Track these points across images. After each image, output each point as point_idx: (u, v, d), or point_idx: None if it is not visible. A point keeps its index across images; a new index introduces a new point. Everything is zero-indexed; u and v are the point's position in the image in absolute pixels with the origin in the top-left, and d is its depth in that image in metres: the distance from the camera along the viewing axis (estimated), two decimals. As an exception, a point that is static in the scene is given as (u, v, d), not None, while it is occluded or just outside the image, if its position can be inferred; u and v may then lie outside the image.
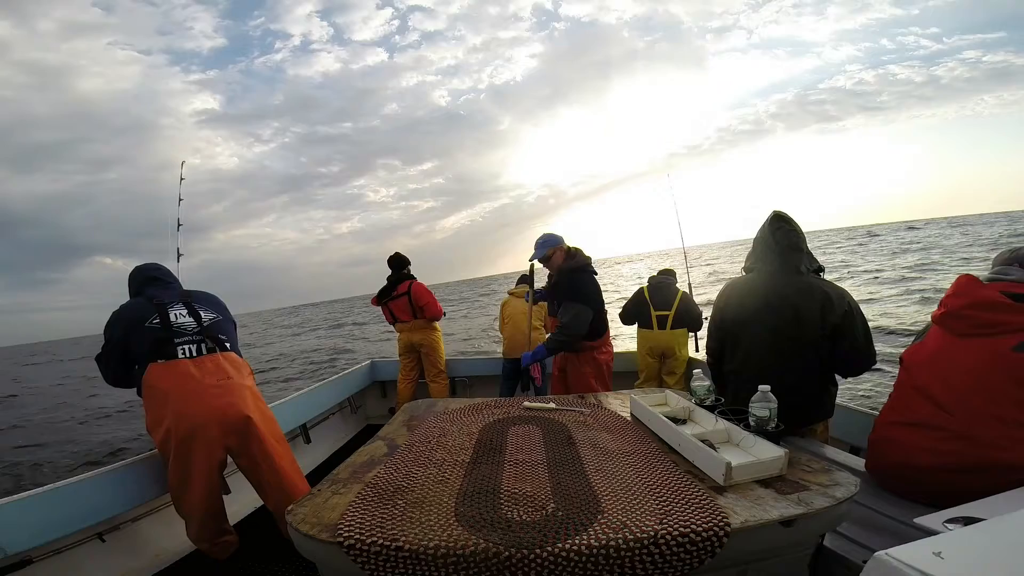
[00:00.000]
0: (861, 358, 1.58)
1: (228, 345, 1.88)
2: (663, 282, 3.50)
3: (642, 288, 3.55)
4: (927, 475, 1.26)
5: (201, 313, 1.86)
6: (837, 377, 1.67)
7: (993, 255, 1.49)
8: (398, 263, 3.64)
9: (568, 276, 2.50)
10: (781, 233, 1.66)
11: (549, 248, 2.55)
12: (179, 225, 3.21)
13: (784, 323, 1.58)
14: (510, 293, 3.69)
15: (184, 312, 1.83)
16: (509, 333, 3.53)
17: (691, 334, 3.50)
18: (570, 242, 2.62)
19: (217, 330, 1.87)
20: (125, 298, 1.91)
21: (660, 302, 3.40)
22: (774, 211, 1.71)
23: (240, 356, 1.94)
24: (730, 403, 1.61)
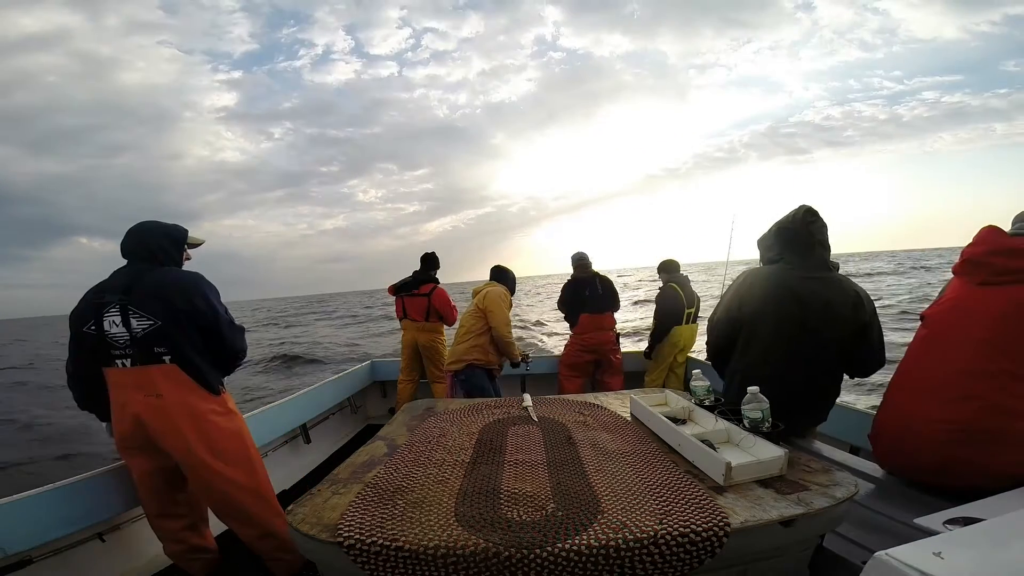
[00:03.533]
0: (877, 358, 1.59)
1: (168, 357, 1.56)
2: (687, 282, 3.65)
3: (678, 292, 3.58)
4: (933, 447, 1.25)
5: (133, 322, 1.54)
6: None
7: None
8: (430, 263, 3.60)
9: None
10: (816, 227, 1.63)
11: None
12: None
13: (812, 317, 1.54)
14: None
15: (117, 319, 1.54)
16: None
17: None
18: (549, 252, 2.61)
19: (154, 341, 1.55)
20: (94, 278, 1.64)
21: (689, 300, 3.59)
22: (804, 205, 1.68)
23: (195, 360, 1.60)
24: (739, 399, 1.54)
